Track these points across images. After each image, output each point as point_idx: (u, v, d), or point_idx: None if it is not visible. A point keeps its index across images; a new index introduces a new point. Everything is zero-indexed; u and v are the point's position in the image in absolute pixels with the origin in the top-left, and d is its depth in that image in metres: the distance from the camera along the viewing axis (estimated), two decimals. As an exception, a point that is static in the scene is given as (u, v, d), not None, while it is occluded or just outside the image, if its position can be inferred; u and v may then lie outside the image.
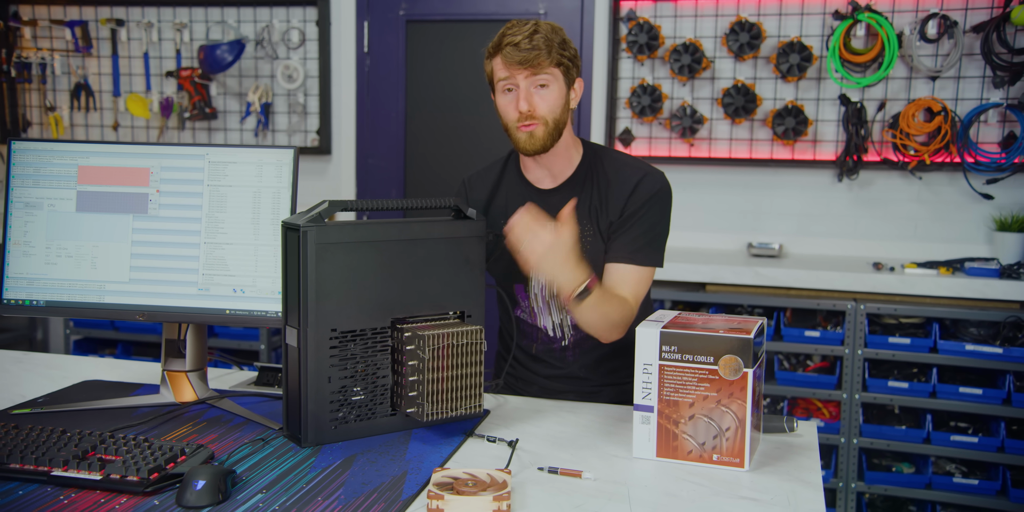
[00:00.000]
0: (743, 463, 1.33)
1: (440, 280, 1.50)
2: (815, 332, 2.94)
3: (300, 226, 1.37)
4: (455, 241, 1.51)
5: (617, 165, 1.73)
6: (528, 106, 1.61)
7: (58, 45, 3.96)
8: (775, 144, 3.32)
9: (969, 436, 2.82)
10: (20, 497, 1.21)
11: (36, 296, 1.60)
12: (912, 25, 3.09)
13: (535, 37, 1.59)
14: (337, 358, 1.41)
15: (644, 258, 1.67)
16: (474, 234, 1.54)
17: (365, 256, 1.42)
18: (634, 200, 1.68)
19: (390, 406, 1.48)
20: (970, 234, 3.20)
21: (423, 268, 1.48)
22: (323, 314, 1.39)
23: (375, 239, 1.43)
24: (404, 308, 1.47)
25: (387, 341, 1.46)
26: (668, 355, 1.35)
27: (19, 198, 1.60)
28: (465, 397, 1.43)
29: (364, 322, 1.43)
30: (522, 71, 1.60)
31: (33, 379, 1.79)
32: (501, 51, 1.61)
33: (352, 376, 1.43)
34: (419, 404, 1.40)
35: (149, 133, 3.93)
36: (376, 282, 1.44)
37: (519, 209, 1.49)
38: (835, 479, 2.93)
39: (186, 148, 1.59)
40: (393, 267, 1.45)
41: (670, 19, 3.35)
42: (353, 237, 1.41)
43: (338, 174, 3.79)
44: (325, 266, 1.38)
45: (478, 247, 1.54)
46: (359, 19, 3.71)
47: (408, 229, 1.46)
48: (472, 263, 1.53)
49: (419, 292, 1.48)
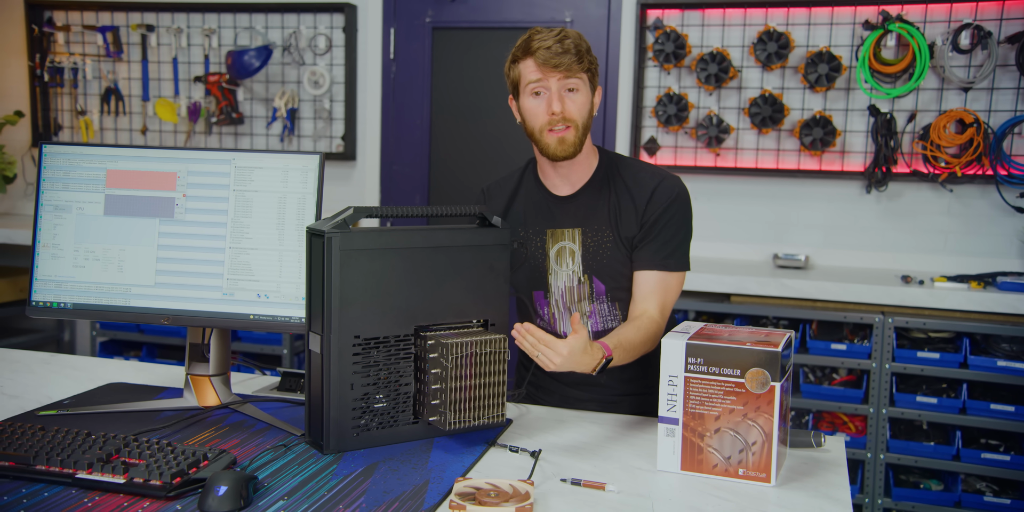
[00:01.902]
0: (770, 478, 1.31)
1: (464, 288, 1.49)
2: (842, 345, 2.90)
3: (325, 232, 1.36)
4: (480, 249, 1.50)
5: (633, 171, 1.73)
6: (560, 106, 1.61)
7: (90, 50, 4.01)
8: (802, 155, 3.29)
9: (1001, 454, 2.76)
10: (46, 498, 1.22)
11: (63, 298, 1.62)
12: (944, 35, 3.06)
13: (566, 42, 1.60)
14: (360, 365, 1.41)
15: (675, 263, 1.69)
16: (499, 242, 1.53)
17: (389, 263, 1.42)
18: (653, 207, 1.68)
19: (412, 414, 1.47)
20: (1002, 248, 3.15)
21: (447, 276, 1.47)
22: (346, 320, 1.38)
23: (399, 246, 1.42)
24: (428, 316, 1.46)
25: (410, 349, 1.45)
26: (694, 367, 1.33)
27: (48, 201, 1.62)
28: (488, 406, 1.42)
29: (387, 329, 1.43)
30: (555, 74, 1.61)
31: (59, 380, 1.80)
32: (532, 54, 1.61)
33: (375, 383, 1.42)
34: (441, 412, 1.39)
35: (177, 137, 3.96)
36: (400, 289, 1.43)
37: (516, 329, 1.40)
38: (861, 494, 2.88)
39: (213, 153, 1.59)
40: (417, 274, 1.44)
41: (697, 28, 3.33)
42: (378, 244, 1.40)
43: (362, 180, 3.80)
44: (349, 272, 1.38)
45: (503, 255, 1.53)
46: (385, 26, 3.72)
47: (433, 236, 1.46)
48: (496, 271, 1.52)
49: (443, 300, 1.47)
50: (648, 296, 1.67)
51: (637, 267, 1.70)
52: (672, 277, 1.69)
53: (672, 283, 1.69)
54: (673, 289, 1.70)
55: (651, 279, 1.68)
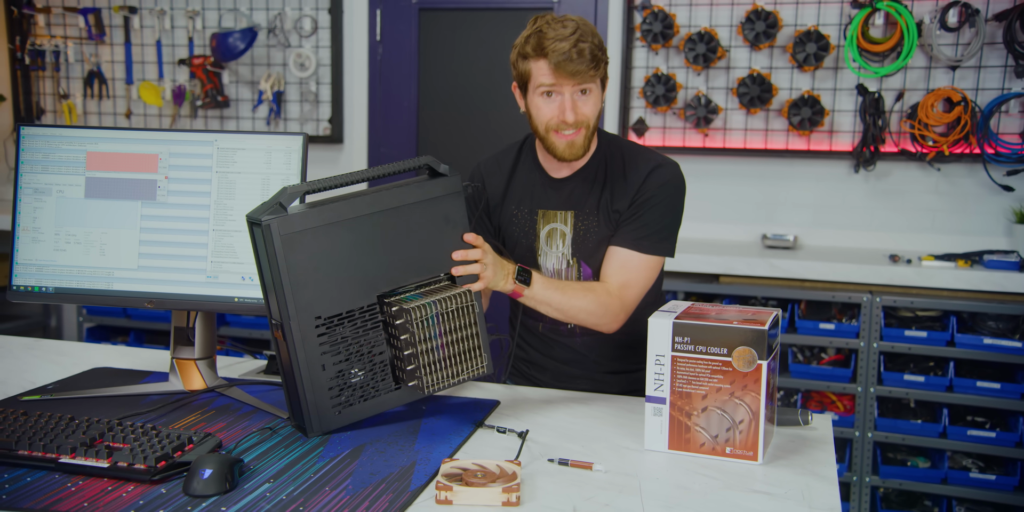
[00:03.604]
0: (756, 456, 1.31)
1: (422, 245, 1.42)
2: (830, 325, 2.91)
3: (261, 220, 1.30)
4: (431, 202, 1.42)
5: (631, 155, 1.71)
6: (574, 116, 1.59)
7: (71, 32, 3.95)
8: (791, 134, 3.28)
9: (987, 431, 2.78)
10: (28, 484, 1.21)
11: (45, 283, 1.60)
12: (932, 13, 3.04)
13: (582, 46, 1.54)
14: (327, 344, 1.37)
15: (649, 246, 1.66)
16: (450, 191, 1.44)
17: (337, 237, 1.35)
18: (645, 189, 1.67)
19: (393, 380, 1.44)
20: (989, 226, 3.16)
21: (401, 237, 1.40)
22: (303, 304, 1.33)
23: (345, 217, 1.35)
24: (389, 281, 1.40)
25: (377, 317, 1.41)
26: (681, 346, 1.32)
27: (28, 184, 1.60)
28: (466, 361, 1.39)
29: (349, 303, 1.37)
30: (570, 81, 1.57)
31: (43, 366, 1.79)
32: (546, 56, 1.56)
33: (347, 359, 1.39)
34: (419, 377, 1.37)
35: (161, 121, 3.92)
36: (354, 261, 1.37)
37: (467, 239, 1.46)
38: (849, 473, 2.90)
39: (195, 134, 1.57)
40: (369, 242, 1.38)
41: (685, 7, 3.31)
42: (320, 220, 1.33)
43: (350, 163, 3.77)
44: (295, 256, 1.32)
45: (456, 203, 1.45)
46: (371, 7, 3.68)
47: (379, 199, 1.38)
48: (453, 222, 1.45)
49: (402, 262, 1.41)
50: (611, 271, 1.65)
51: (612, 243, 1.68)
52: (644, 259, 1.66)
53: (640, 264, 1.66)
54: (639, 270, 1.66)
55: (619, 256, 1.66)
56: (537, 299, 1.55)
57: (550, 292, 1.56)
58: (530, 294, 1.54)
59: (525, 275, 1.53)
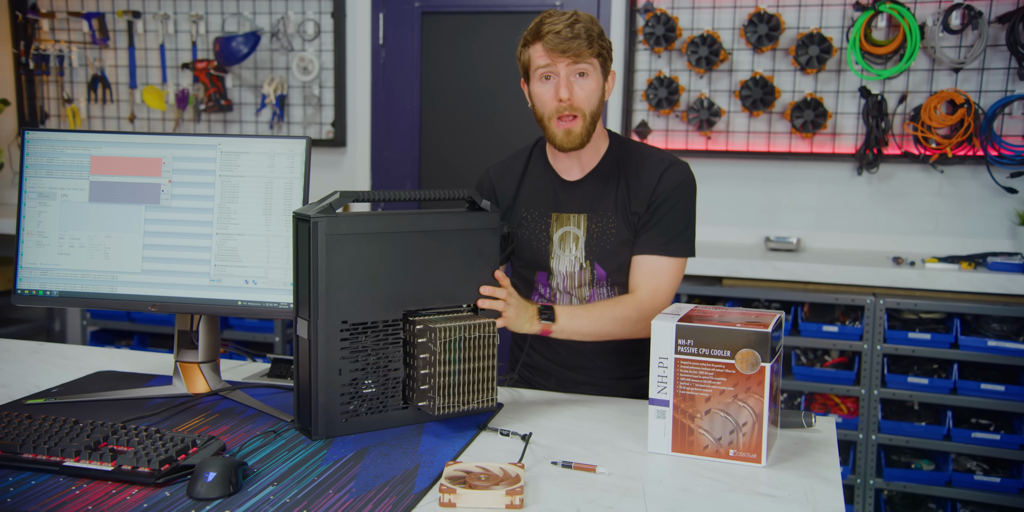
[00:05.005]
0: (760, 459, 1.31)
1: (453, 272, 1.48)
2: (833, 327, 2.91)
3: (311, 217, 1.35)
4: (468, 233, 1.49)
5: (643, 156, 1.72)
6: (568, 93, 1.60)
7: (75, 37, 3.97)
8: (793, 137, 3.28)
9: (991, 433, 2.77)
10: (32, 487, 1.21)
11: (49, 286, 1.60)
12: (935, 16, 3.04)
13: (576, 26, 1.58)
14: (348, 350, 1.40)
15: (676, 249, 1.68)
16: (488, 226, 1.52)
17: (377, 247, 1.41)
18: (660, 191, 1.68)
19: (402, 399, 1.46)
20: (993, 228, 3.15)
21: (435, 260, 1.46)
22: (334, 306, 1.37)
23: (387, 230, 1.41)
24: (416, 300, 1.45)
25: (399, 334, 1.45)
26: (684, 349, 1.32)
27: (32, 188, 1.60)
28: (478, 391, 1.41)
29: (375, 314, 1.42)
30: (564, 59, 1.59)
31: (48, 369, 1.79)
32: (542, 38, 1.59)
33: (363, 369, 1.42)
34: (431, 398, 1.39)
35: (165, 125, 3.93)
36: (387, 274, 1.42)
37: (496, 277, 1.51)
38: (853, 475, 2.90)
39: (198, 138, 1.58)
40: (405, 259, 1.43)
41: (687, 10, 3.31)
42: (365, 228, 1.39)
43: (353, 166, 3.78)
44: (336, 257, 1.37)
45: (492, 239, 1.52)
46: (374, 11, 3.69)
47: (421, 220, 1.44)
48: (485, 255, 1.51)
49: (431, 284, 1.46)
50: (641, 279, 1.67)
51: (637, 251, 1.69)
52: (672, 263, 1.68)
53: (670, 268, 1.68)
54: (670, 274, 1.68)
55: (647, 263, 1.68)
56: (568, 331, 1.57)
57: (578, 321, 1.57)
58: (559, 328, 1.55)
59: (548, 312, 1.55)
